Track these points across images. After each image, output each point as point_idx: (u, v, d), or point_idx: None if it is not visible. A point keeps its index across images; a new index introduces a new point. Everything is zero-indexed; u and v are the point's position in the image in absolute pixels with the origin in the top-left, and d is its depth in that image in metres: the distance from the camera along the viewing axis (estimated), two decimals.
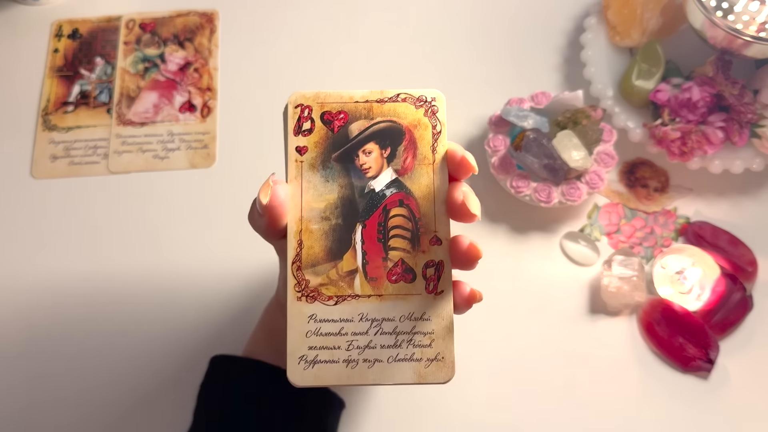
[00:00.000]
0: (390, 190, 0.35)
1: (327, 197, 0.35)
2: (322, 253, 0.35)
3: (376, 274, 0.35)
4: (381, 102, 0.36)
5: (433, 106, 0.36)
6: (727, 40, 0.54)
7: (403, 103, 0.36)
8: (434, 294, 0.35)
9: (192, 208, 0.57)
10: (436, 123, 0.36)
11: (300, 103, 0.36)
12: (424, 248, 0.35)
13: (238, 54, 0.64)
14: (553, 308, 0.54)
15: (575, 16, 0.66)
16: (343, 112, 0.36)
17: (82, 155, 0.59)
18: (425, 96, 0.36)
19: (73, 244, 0.56)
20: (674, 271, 0.54)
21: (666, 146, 0.55)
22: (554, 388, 0.51)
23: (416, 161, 0.36)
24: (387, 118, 0.36)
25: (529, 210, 0.57)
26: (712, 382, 0.52)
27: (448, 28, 0.65)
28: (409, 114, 0.36)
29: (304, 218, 0.35)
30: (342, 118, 0.36)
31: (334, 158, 0.36)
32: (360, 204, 0.35)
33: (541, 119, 0.55)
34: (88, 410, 0.51)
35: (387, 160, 0.36)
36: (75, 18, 0.65)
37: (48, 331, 0.53)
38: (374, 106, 0.36)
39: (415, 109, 0.36)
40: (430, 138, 0.36)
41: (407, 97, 0.36)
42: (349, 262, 0.35)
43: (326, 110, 0.36)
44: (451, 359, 0.35)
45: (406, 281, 0.35)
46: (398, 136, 0.36)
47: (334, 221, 0.35)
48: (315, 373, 0.33)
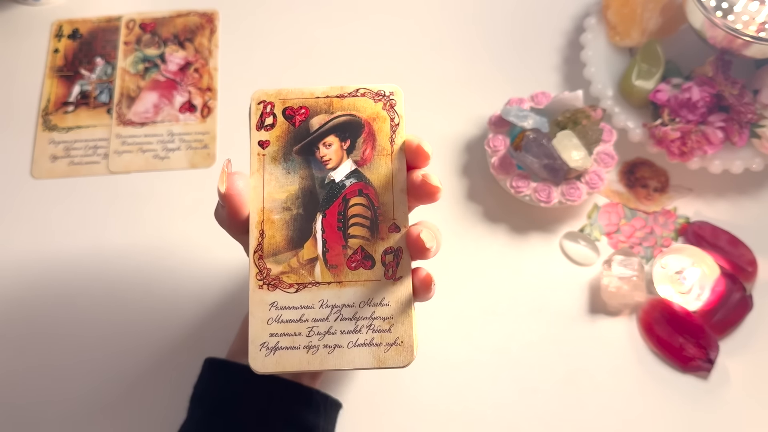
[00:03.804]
0: (350, 180, 0.36)
1: (288, 188, 0.36)
2: (284, 242, 0.36)
3: (336, 262, 0.36)
4: (341, 97, 0.38)
5: (392, 99, 0.38)
6: (726, 40, 0.54)
7: (362, 98, 0.38)
8: (393, 280, 0.36)
9: (192, 208, 0.57)
10: (394, 116, 0.37)
11: (262, 99, 0.37)
12: (383, 236, 0.36)
13: (238, 54, 0.64)
14: (553, 308, 0.54)
15: (575, 16, 0.66)
16: (304, 107, 0.37)
17: (82, 155, 0.59)
18: (383, 90, 0.38)
19: (73, 244, 0.56)
20: (674, 271, 0.54)
21: (666, 146, 0.55)
22: (554, 388, 0.51)
23: (375, 152, 0.37)
24: (347, 112, 0.37)
25: (528, 210, 0.57)
26: (711, 382, 0.52)
27: (448, 28, 0.65)
28: (368, 108, 0.38)
29: (266, 209, 0.36)
30: (303, 113, 0.37)
31: (296, 151, 0.37)
32: (320, 194, 0.36)
33: (541, 119, 0.55)
34: (87, 408, 0.51)
35: (347, 152, 0.37)
36: (75, 18, 0.65)
37: (48, 330, 0.53)
38: (334, 101, 0.38)
39: (374, 103, 0.38)
40: (389, 130, 0.37)
41: (366, 92, 0.38)
42: (310, 250, 0.36)
43: (288, 106, 0.37)
44: (410, 343, 0.35)
45: (366, 268, 0.36)
46: (357, 129, 0.37)
47: (295, 211, 0.36)
48: (276, 359, 0.34)
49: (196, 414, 0.45)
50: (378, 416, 0.51)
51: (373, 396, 0.51)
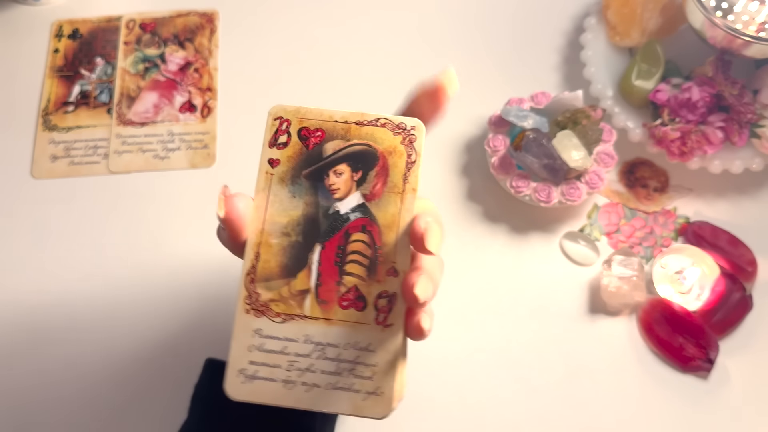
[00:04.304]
0: (355, 214, 0.35)
1: (291, 213, 0.35)
2: (277, 268, 0.34)
3: (328, 298, 0.34)
4: (360, 124, 0.36)
5: (411, 135, 0.36)
6: (726, 40, 0.54)
7: (381, 128, 0.36)
8: (383, 326, 0.34)
9: (192, 208, 0.58)
10: (411, 152, 0.36)
11: (279, 116, 0.36)
12: (380, 278, 0.34)
13: (238, 54, 0.64)
14: (553, 308, 0.54)
15: (575, 16, 0.66)
16: (321, 129, 0.36)
17: (82, 155, 0.59)
18: (405, 124, 0.36)
19: (74, 244, 0.56)
20: (674, 270, 0.54)
21: (666, 146, 0.55)
22: (554, 388, 0.51)
23: (386, 188, 0.35)
24: (363, 141, 0.36)
25: (528, 210, 0.57)
26: (711, 382, 0.52)
27: (448, 27, 0.65)
28: (386, 140, 0.36)
29: (265, 231, 0.35)
30: (318, 136, 0.36)
31: (305, 175, 0.35)
32: (323, 224, 0.35)
33: (540, 119, 0.55)
34: (87, 408, 0.51)
35: (357, 184, 0.35)
36: (75, 18, 0.65)
37: (48, 331, 0.53)
38: (352, 128, 0.36)
39: (393, 135, 0.36)
40: (404, 167, 0.35)
41: (386, 123, 0.36)
42: (303, 281, 0.34)
43: (304, 126, 0.36)
44: (389, 395, 0.33)
45: (357, 309, 0.34)
46: (371, 161, 0.35)
47: (294, 238, 0.35)
48: (252, 388, 0.33)
49: (196, 414, 0.46)
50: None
51: None
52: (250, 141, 0.60)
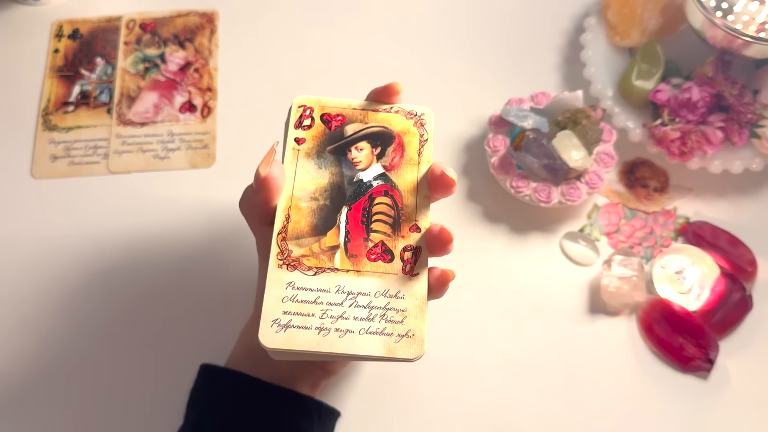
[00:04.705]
0: (377, 181, 0.39)
1: (318, 181, 0.38)
2: (308, 227, 0.37)
3: (357, 252, 0.37)
4: (376, 111, 0.40)
5: (422, 119, 0.41)
6: (726, 40, 0.55)
7: (395, 114, 0.41)
8: (410, 275, 0.37)
9: (192, 208, 0.58)
10: (423, 133, 0.40)
11: (303, 104, 0.40)
12: (404, 234, 0.38)
13: (238, 54, 0.64)
14: (553, 308, 0.54)
15: (575, 16, 0.66)
16: (341, 114, 0.40)
17: (82, 155, 0.59)
18: (416, 110, 0.41)
19: (74, 244, 0.56)
20: (674, 271, 0.54)
21: (666, 146, 0.55)
22: (554, 388, 0.51)
23: (403, 161, 0.39)
24: (380, 124, 0.40)
25: (528, 210, 0.57)
26: (711, 382, 0.52)
27: (448, 27, 0.66)
28: (400, 123, 0.40)
29: (295, 197, 0.38)
30: (340, 120, 0.40)
31: (329, 150, 0.39)
32: (348, 190, 0.38)
33: (540, 119, 0.55)
34: (86, 409, 0.51)
35: (377, 157, 0.39)
36: (75, 18, 0.65)
37: (48, 331, 0.53)
38: (369, 114, 0.40)
39: (405, 119, 0.40)
40: (417, 144, 0.40)
41: (399, 110, 0.41)
42: (332, 238, 0.37)
43: (326, 112, 0.40)
44: (421, 337, 0.35)
45: (385, 261, 0.37)
46: (389, 139, 0.40)
47: (322, 202, 0.38)
48: (286, 337, 0.35)
49: (191, 419, 0.45)
50: (377, 416, 0.51)
51: (372, 396, 0.51)
52: (250, 141, 0.60)
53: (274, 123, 0.61)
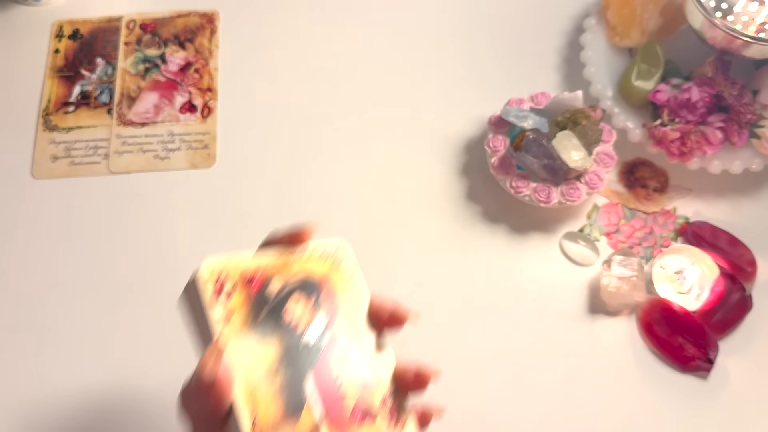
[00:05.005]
0: (325, 335, 0.35)
1: (267, 355, 0.33)
2: (281, 411, 0.32)
3: (339, 423, 0.33)
4: (292, 258, 0.36)
5: (337, 255, 0.37)
6: (726, 41, 0.55)
7: (311, 258, 0.37)
8: (396, 423, 0.34)
9: (192, 208, 0.58)
10: (344, 269, 0.37)
11: (214, 269, 0.34)
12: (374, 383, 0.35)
13: (238, 54, 0.64)
14: (553, 308, 0.54)
15: (575, 17, 0.66)
16: (259, 271, 0.35)
17: (82, 155, 0.59)
18: (327, 247, 0.37)
19: (74, 244, 0.56)
20: (673, 271, 0.54)
21: (665, 146, 0.55)
22: (553, 388, 0.51)
23: (339, 304, 0.36)
24: (302, 272, 0.36)
25: (528, 210, 0.57)
26: (711, 382, 0.52)
27: (449, 28, 0.66)
28: (319, 265, 0.36)
29: (251, 381, 0.32)
30: (260, 277, 0.35)
31: (263, 318, 0.34)
32: (302, 354, 0.34)
33: (540, 119, 0.55)
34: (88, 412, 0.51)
35: (314, 309, 0.35)
36: (76, 18, 0.66)
37: (48, 331, 0.53)
38: (288, 262, 0.36)
39: (323, 261, 0.37)
40: (345, 282, 0.36)
41: (312, 252, 0.37)
42: (308, 418, 0.33)
43: (241, 272, 0.35)
44: None
45: (370, 422, 0.34)
46: (317, 286, 0.36)
47: (282, 377, 0.33)
48: None
49: None
50: None
51: None
52: (250, 141, 0.60)
53: (274, 123, 0.61)
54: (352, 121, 0.61)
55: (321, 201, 0.58)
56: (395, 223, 0.57)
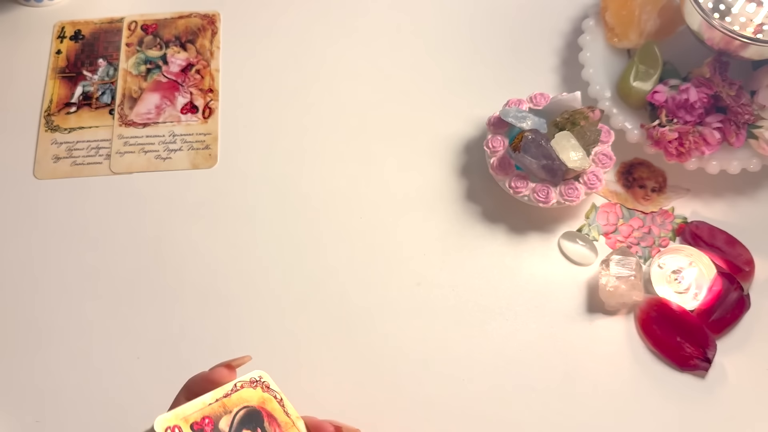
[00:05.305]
0: None
1: None
2: None
3: None
4: (228, 395, 0.39)
5: (263, 382, 0.41)
6: (724, 42, 0.55)
7: (243, 390, 0.40)
8: None
9: (194, 209, 0.58)
10: (275, 394, 0.41)
11: (167, 426, 0.37)
12: None
13: (239, 55, 0.64)
14: (551, 307, 0.54)
15: (573, 18, 0.66)
16: (206, 416, 0.38)
17: (84, 156, 0.60)
18: (254, 378, 0.41)
19: (75, 244, 0.57)
20: (671, 270, 0.54)
21: (663, 147, 0.55)
22: (552, 387, 0.52)
23: (282, 429, 0.40)
24: (242, 406, 0.39)
25: (527, 210, 0.57)
26: (709, 381, 0.52)
27: (448, 29, 0.66)
28: (254, 395, 0.40)
29: None
30: (209, 423, 0.38)
31: None
32: None
33: (539, 120, 0.55)
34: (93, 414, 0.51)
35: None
36: (77, 19, 0.66)
37: (50, 332, 0.54)
38: (225, 402, 0.39)
39: (254, 390, 0.40)
40: (279, 406, 0.40)
41: (243, 384, 0.40)
42: None
43: (192, 421, 0.38)
44: None
45: None
46: (259, 416, 0.39)
47: None
48: None
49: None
50: (377, 416, 0.51)
51: (371, 395, 0.52)
52: (251, 142, 0.61)
53: (275, 123, 0.62)
54: (353, 122, 0.61)
55: (321, 201, 0.58)
56: (395, 222, 0.57)
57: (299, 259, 0.56)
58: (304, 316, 0.54)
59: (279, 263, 0.56)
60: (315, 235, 0.57)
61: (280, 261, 0.56)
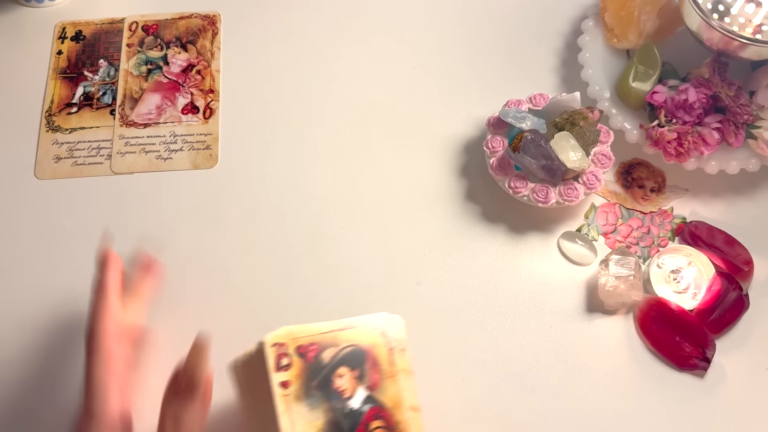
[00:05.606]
0: (366, 406, 0.40)
1: (316, 424, 0.39)
2: None
3: None
4: (342, 330, 0.41)
5: (383, 328, 0.42)
6: (723, 42, 0.55)
7: (359, 329, 0.42)
8: None
9: (194, 209, 0.58)
10: (388, 341, 0.42)
11: (275, 342, 0.40)
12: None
13: (239, 56, 0.65)
14: (551, 307, 0.54)
15: (573, 19, 0.66)
16: (314, 343, 0.40)
17: (85, 156, 0.60)
18: (377, 321, 0.42)
19: (76, 244, 0.57)
20: (670, 270, 0.54)
21: (662, 147, 0.55)
22: (551, 386, 0.52)
23: (381, 376, 0.41)
24: (350, 343, 0.41)
25: (527, 210, 0.57)
26: (708, 380, 0.52)
27: (448, 29, 0.66)
28: (366, 337, 0.41)
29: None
30: (314, 349, 0.40)
31: (315, 386, 0.39)
32: (344, 424, 0.39)
33: (539, 120, 0.56)
34: None
35: (358, 380, 0.40)
36: (78, 20, 0.66)
37: (51, 331, 0.54)
38: (338, 335, 0.41)
39: (370, 332, 0.42)
40: (387, 354, 0.41)
41: (361, 324, 0.42)
42: None
43: (299, 344, 0.40)
44: None
45: None
46: (362, 357, 0.41)
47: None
48: None
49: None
50: None
51: None
52: (251, 142, 0.61)
53: (275, 124, 0.62)
54: (353, 122, 0.62)
55: (321, 201, 0.58)
56: (395, 222, 0.58)
57: (299, 259, 0.56)
58: (304, 316, 0.54)
59: (279, 263, 0.56)
60: (315, 234, 0.57)
61: (280, 261, 0.56)
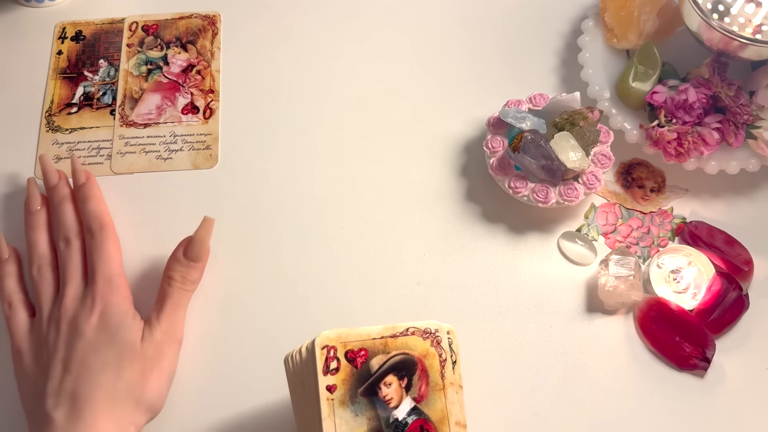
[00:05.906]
0: (411, 417, 0.39)
1: (359, 431, 0.38)
2: None
3: None
4: (394, 337, 0.40)
5: (437, 336, 0.41)
6: (723, 42, 0.55)
7: (412, 336, 0.41)
8: None
9: (194, 209, 0.58)
10: (441, 351, 0.41)
11: (326, 344, 0.40)
12: None
13: (240, 56, 0.65)
14: (551, 307, 0.54)
15: (572, 19, 0.66)
16: (363, 349, 0.40)
17: (85, 156, 0.60)
18: (429, 328, 0.41)
19: None
20: (670, 270, 0.54)
21: (662, 147, 0.55)
22: (551, 387, 0.52)
23: (429, 388, 0.40)
24: (401, 351, 0.40)
25: (526, 210, 0.57)
26: (708, 380, 0.52)
27: (447, 30, 0.66)
28: (418, 345, 0.40)
29: None
30: (363, 355, 0.40)
31: (361, 393, 0.39)
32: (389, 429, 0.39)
33: (538, 121, 0.56)
34: None
35: (405, 390, 0.39)
36: (78, 20, 0.66)
37: None
38: (389, 341, 0.40)
39: (423, 340, 0.41)
40: (438, 366, 0.40)
41: (415, 330, 0.41)
42: None
43: (349, 349, 0.40)
44: None
45: None
46: (412, 367, 0.40)
47: None
48: None
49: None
50: None
51: None
52: (252, 142, 0.61)
53: (275, 124, 0.62)
54: (353, 123, 0.62)
55: (322, 201, 0.58)
56: (394, 222, 0.58)
57: (299, 259, 0.56)
58: (303, 315, 0.54)
59: (279, 263, 0.56)
60: (315, 234, 0.57)
61: (280, 260, 0.56)
